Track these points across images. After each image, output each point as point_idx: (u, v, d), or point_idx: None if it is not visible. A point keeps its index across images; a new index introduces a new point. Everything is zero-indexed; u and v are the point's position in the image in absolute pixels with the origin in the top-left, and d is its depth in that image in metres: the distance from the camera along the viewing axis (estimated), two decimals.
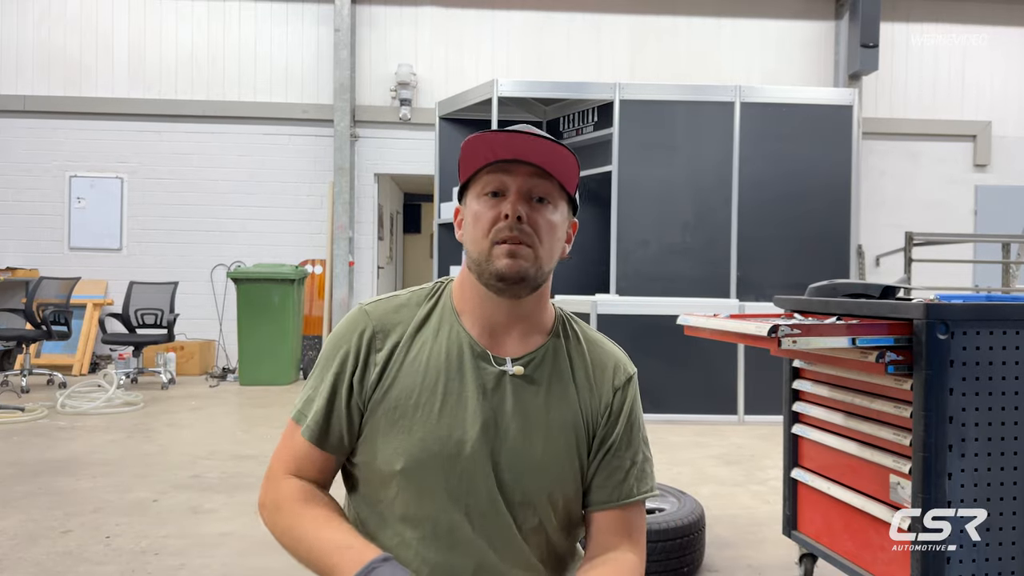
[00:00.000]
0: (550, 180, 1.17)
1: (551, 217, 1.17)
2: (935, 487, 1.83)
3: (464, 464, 1.14)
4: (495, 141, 1.14)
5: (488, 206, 1.15)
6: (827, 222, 6.67)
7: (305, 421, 1.19)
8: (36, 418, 5.49)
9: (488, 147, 1.15)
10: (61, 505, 3.48)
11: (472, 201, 1.19)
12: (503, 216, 1.13)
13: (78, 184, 8.46)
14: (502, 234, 1.13)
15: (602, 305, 5.79)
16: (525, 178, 1.15)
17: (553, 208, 1.17)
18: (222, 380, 7.66)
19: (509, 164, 1.15)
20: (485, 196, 1.16)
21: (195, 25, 8.57)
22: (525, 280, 1.15)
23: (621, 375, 1.26)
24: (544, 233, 1.15)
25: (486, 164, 1.16)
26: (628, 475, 1.21)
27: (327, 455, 1.19)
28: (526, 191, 1.15)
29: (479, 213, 1.16)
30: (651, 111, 6.67)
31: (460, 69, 8.63)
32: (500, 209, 1.14)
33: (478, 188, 1.18)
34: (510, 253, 1.13)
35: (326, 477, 1.21)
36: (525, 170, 1.15)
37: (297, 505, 1.15)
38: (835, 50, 8.78)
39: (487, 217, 1.15)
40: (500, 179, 1.15)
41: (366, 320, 1.21)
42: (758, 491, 3.98)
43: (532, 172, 1.15)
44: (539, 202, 1.16)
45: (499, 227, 1.13)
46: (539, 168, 1.15)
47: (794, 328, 1.82)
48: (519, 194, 1.14)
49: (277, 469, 1.21)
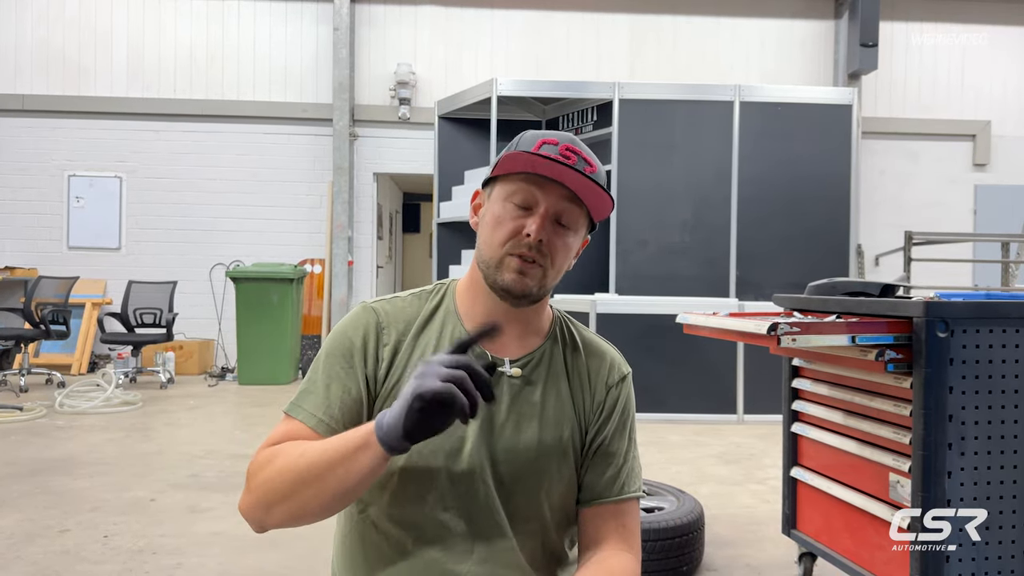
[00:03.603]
0: (579, 206, 1.15)
1: (569, 240, 1.16)
2: (935, 486, 1.82)
3: (462, 464, 1.14)
4: (538, 161, 1.10)
5: (512, 215, 1.13)
6: (826, 221, 6.67)
7: (303, 411, 1.14)
8: (34, 417, 5.49)
9: (529, 162, 1.11)
10: (59, 504, 3.47)
11: (497, 201, 1.16)
12: (525, 233, 1.12)
13: (77, 183, 8.45)
14: (519, 250, 1.12)
15: (601, 304, 5.79)
16: (557, 200, 1.13)
17: (573, 233, 1.17)
18: (221, 379, 7.65)
19: (545, 180, 1.12)
20: (512, 203, 1.14)
21: (194, 24, 8.56)
22: (528, 297, 1.15)
23: (615, 374, 1.26)
24: (559, 255, 1.15)
25: (524, 172, 1.13)
26: (620, 472, 1.22)
27: None
28: (554, 214, 1.14)
29: (501, 219, 1.14)
30: (650, 110, 6.66)
31: (459, 68, 8.62)
32: (523, 224, 1.12)
33: (508, 190, 1.15)
34: (520, 271, 1.12)
35: None
36: (559, 192, 1.13)
37: (286, 447, 1.07)
38: (834, 49, 8.77)
39: (508, 227, 1.13)
40: (533, 193, 1.13)
41: (372, 315, 1.20)
42: (757, 490, 3.97)
43: (564, 195, 1.13)
44: (561, 225, 1.15)
45: (517, 241, 1.12)
46: (572, 193, 1.13)
47: (793, 326, 1.82)
48: (546, 216, 1.13)
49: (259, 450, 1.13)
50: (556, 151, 1.12)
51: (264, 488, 1.06)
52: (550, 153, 1.11)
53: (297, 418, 1.14)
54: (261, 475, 1.07)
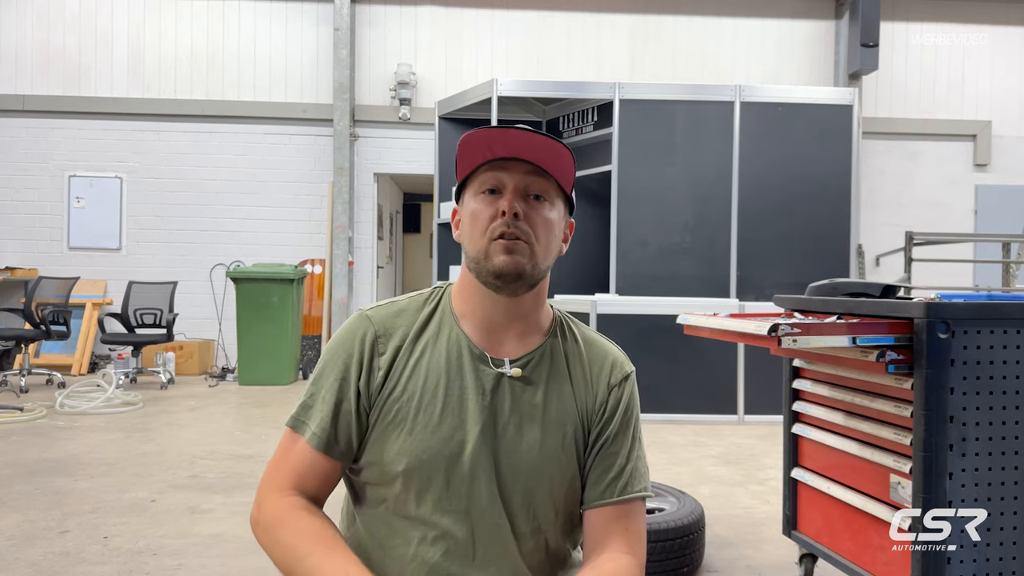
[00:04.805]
0: (547, 178, 1.17)
1: (548, 215, 1.17)
2: (935, 487, 1.82)
3: (465, 466, 1.14)
4: (492, 139, 1.14)
5: (485, 204, 1.16)
6: (827, 222, 6.66)
7: (307, 429, 1.17)
8: (35, 418, 5.48)
9: (485, 145, 1.15)
10: (59, 505, 3.47)
11: (469, 200, 1.19)
12: (500, 213, 1.13)
13: (77, 184, 8.46)
14: (499, 231, 1.13)
15: (602, 305, 5.79)
16: (522, 175, 1.15)
17: (550, 206, 1.18)
18: (221, 380, 7.65)
19: (506, 162, 1.15)
20: (482, 194, 1.16)
21: (194, 24, 8.56)
22: (522, 277, 1.15)
23: (618, 373, 1.26)
24: (541, 230, 1.16)
25: (483, 162, 1.16)
26: (623, 472, 1.21)
27: (333, 462, 1.16)
28: (523, 188, 1.15)
29: (477, 211, 1.16)
30: (651, 111, 6.66)
31: (460, 69, 8.62)
32: (497, 206, 1.14)
33: (475, 186, 1.18)
34: (507, 249, 1.13)
35: (327, 489, 1.19)
36: (522, 168, 1.15)
37: (303, 523, 1.10)
38: (835, 49, 8.77)
39: (485, 215, 1.15)
40: (497, 176, 1.16)
41: (367, 325, 1.20)
42: (758, 491, 3.97)
43: (529, 170, 1.15)
44: (536, 199, 1.16)
45: (496, 224, 1.14)
46: (536, 166, 1.15)
47: (794, 327, 1.82)
48: (516, 191, 1.15)
49: (275, 483, 1.16)
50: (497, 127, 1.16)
51: (265, 546, 1.13)
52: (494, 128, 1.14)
53: (303, 436, 1.17)
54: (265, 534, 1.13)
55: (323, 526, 1.11)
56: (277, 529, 1.11)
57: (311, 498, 1.16)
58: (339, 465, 1.18)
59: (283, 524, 1.11)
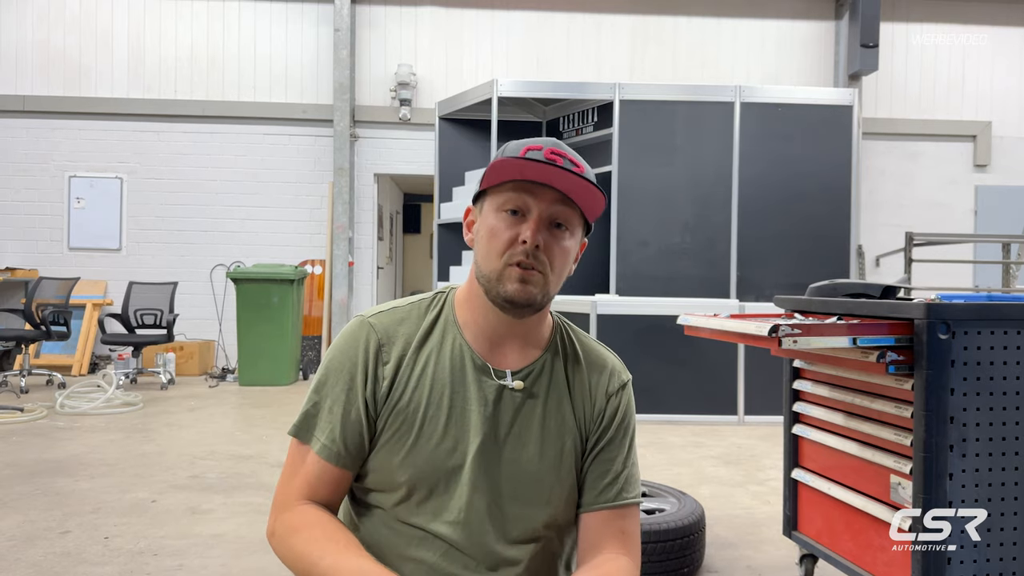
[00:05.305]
0: (572, 207, 1.15)
1: (566, 244, 1.15)
2: (936, 487, 1.82)
3: (466, 476, 1.15)
4: (526, 166, 1.10)
5: (507, 224, 1.13)
6: (827, 222, 6.67)
7: (316, 440, 1.16)
8: (35, 418, 5.49)
9: (518, 167, 1.11)
10: (59, 505, 3.47)
11: (490, 213, 1.15)
12: (521, 240, 1.11)
13: (77, 184, 8.46)
14: (517, 258, 1.11)
15: (602, 305, 5.78)
16: (548, 204, 1.12)
17: (570, 234, 1.16)
18: (221, 380, 7.65)
19: (535, 185, 1.12)
20: (504, 212, 1.13)
21: (195, 25, 8.57)
22: (532, 306, 1.14)
23: (615, 382, 1.27)
24: (557, 260, 1.14)
25: (512, 180, 1.13)
26: (619, 478, 1.22)
27: (343, 472, 1.17)
28: (548, 217, 1.13)
29: (496, 230, 1.13)
30: (651, 111, 6.67)
31: (460, 69, 8.62)
32: (518, 231, 1.12)
33: (499, 201, 1.14)
34: (522, 279, 1.11)
35: (339, 496, 1.20)
36: (550, 195, 1.12)
37: (316, 530, 1.11)
38: (835, 50, 8.78)
39: (504, 236, 1.12)
40: (524, 199, 1.12)
41: (370, 332, 1.19)
42: (758, 491, 3.97)
43: (556, 198, 1.13)
44: (557, 227, 1.14)
45: (516, 251, 1.11)
46: (564, 195, 1.13)
47: (794, 328, 1.82)
48: (540, 220, 1.12)
49: (288, 496, 1.17)
50: (541, 155, 1.12)
51: (282, 556, 1.15)
52: (536, 157, 1.11)
53: (312, 448, 1.17)
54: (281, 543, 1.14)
55: (335, 528, 1.12)
56: (291, 538, 1.12)
57: (324, 506, 1.17)
58: (349, 474, 1.18)
59: (297, 532, 1.12)
